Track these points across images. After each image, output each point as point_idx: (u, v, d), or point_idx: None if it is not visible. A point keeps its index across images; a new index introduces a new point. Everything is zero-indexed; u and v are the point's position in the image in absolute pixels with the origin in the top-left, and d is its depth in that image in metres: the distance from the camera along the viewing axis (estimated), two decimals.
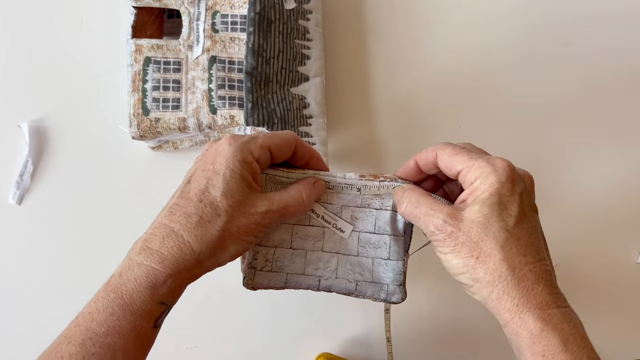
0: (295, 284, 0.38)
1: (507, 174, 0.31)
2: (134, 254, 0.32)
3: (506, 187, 0.31)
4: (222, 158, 0.33)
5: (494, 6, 0.61)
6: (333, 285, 0.38)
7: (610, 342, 0.57)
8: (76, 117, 0.55)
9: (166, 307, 0.32)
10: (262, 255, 0.38)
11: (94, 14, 0.57)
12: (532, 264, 0.30)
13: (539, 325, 0.29)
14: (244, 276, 0.38)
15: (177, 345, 0.54)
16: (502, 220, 0.30)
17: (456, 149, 0.33)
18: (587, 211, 0.59)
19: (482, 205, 0.30)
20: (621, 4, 0.61)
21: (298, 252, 0.38)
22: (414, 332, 0.56)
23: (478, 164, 0.32)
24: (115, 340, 0.29)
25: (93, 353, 0.29)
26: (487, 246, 0.30)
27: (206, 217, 0.32)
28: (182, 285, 0.32)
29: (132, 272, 0.31)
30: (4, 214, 0.54)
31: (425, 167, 0.35)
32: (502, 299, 0.30)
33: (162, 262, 0.31)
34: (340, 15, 0.60)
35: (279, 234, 0.38)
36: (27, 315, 0.53)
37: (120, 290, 0.30)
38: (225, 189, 0.32)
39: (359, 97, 0.59)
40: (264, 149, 0.34)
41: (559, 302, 0.30)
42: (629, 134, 0.60)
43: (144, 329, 0.30)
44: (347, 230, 0.38)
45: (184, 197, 0.33)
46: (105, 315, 0.30)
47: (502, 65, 0.60)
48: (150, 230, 0.33)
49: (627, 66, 0.61)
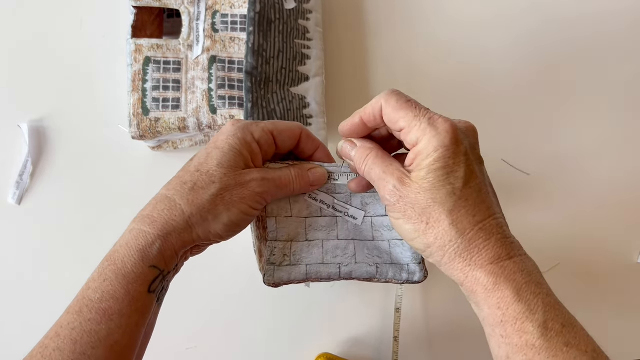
0: (316, 275, 0.38)
1: (450, 136, 0.30)
2: (130, 224, 0.33)
3: (451, 150, 0.30)
4: (223, 136, 0.34)
5: (494, 6, 0.61)
6: (354, 271, 0.38)
7: (611, 342, 0.57)
8: (76, 117, 0.55)
9: (159, 271, 0.32)
10: (280, 250, 0.38)
11: (94, 14, 0.57)
12: (482, 222, 0.30)
13: (491, 279, 0.29)
14: (264, 274, 0.38)
15: (177, 345, 0.54)
16: (449, 184, 0.30)
17: (401, 102, 0.32)
18: (587, 211, 0.59)
19: (428, 172, 0.30)
20: (622, 4, 0.61)
21: (315, 243, 0.38)
22: (420, 332, 0.56)
23: (420, 124, 0.31)
24: (110, 304, 0.30)
25: (89, 319, 0.30)
26: (435, 211, 0.30)
27: (200, 184, 0.33)
28: (172, 249, 0.32)
29: (124, 238, 0.32)
30: (4, 213, 0.54)
31: (373, 121, 0.34)
32: (454, 261, 0.30)
33: (152, 224, 0.32)
34: (340, 15, 0.60)
35: (292, 228, 0.38)
36: (27, 315, 0.53)
37: (113, 257, 0.31)
38: (221, 160, 0.33)
39: (359, 97, 0.59)
40: (265, 132, 0.35)
41: (512, 252, 0.30)
42: (629, 135, 0.60)
43: (138, 293, 0.31)
44: (360, 216, 0.38)
45: (184, 170, 0.34)
46: (99, 282, 0.31)
47: (502, 65, 0.60)
48: (148, 201, 0.34)
49: (628, 69, 0.61)
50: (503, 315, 0.29)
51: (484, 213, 0.30)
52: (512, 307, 0.29)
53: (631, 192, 0.59)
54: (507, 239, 0.31)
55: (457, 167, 0.30)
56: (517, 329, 0.28)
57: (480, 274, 0.30)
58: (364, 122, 0.34)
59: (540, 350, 0.28)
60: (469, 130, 0.33)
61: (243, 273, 0.53)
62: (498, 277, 0.29)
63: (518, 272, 0.29)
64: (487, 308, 0.30)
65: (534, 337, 0.28)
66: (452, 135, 0.30)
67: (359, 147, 0.35)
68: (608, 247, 0.59)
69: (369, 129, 0.35)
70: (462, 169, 0.30)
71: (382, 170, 0.32)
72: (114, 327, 0.30)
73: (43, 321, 0.53)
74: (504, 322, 0.29)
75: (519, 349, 0.28)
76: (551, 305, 0.29)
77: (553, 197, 0.59)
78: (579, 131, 0.60)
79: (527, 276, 0.29)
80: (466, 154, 0.31)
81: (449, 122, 0.31)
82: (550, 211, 0.58)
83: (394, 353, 0.47)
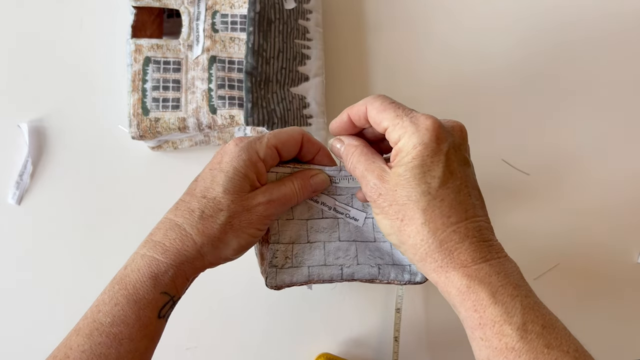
0: (318, 277, 0.38)
1: (431, 133, 0.30)
2: (139, 248, 0.33)
3: (430, 148, 0.30)
4: (227, 157, 0.34)
5: (494, 5, 0.61)
6: (356, 272, 0.38)
7: (611, 342, 0.57)
8: (76, 117, 0.55)
9: (169, 297, 0.32)
10: (282, 252, 0.38)
11: (94, 14, 0.57)
12: (457, 224, 0.30)
13: (464, 282, 0.29)
14: (266, 277, 0.38)
15: (177, 345, 0.54)
16: (424, 183, 0.30)
17: (385, 104, 0.32)
18: (587, 211, 0.59)
19: (405, 169, 0.30)
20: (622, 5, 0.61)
21: (316, 245, 0.38)
22: (420, 332, 0.56)
23: (402, 122, 0.31)
24: (120, 329, 0.30)
25: (100, 342, 0.30)
26: (410, 209, 0.30)
27: (208, 212, 0.33)
28: (184, 276, 0.33)
29: (136, 263, 0.32)
30: (4, 214, 0.54)
31: (358, 122, 0.35)
32: (425, 260, 0.31)
33: (164, 253, 0.32)
34: (340, 15, 0.60)
35: (294, 230, 0.38)
36: (27, 315, 0.53)
37: (125, 281, 0.31)
38: (227, 186, 0.33)
39: (359, 97, 0.58)
40: (270, 147, 0.35)
41: (488, 255, 0.30)
42: (629, 134, 0.60)
43: (149, 319, 0.31)
44: (361, 218, 0.38)
45: (190, 194, 0.34)
46: (110, 306, 0.31)
47: (502, 65, 0.60)
48: (156, 225, 0.34)
49: (628, 67, 0.61)
50: (480, 318, 0.29)
51: (460, 215, 0.30)
52: (488, 309, 0.29)
53: (631, 192, 0.59)
54: (484, 242, 0.30)
55: (435, 165, 0.30)
56: (496, 331, 0.28)
57: (453, 275, 0.30)
58: (352, 121, 0.35)
59: (521, 352, 0.28)
60: (456, 129, 0.32)
61: (243, 273, 0.53)
62: (472, 280, 0.29)
63: (494, 274, 0.29)
64: (463, 310, 0.30)
65: (513, 339, 0.28)
66: (432, 133, 0.30)
67: (345, 144, 0.35)
68: (608, 247, 0.59)
69: (357, 127, 0.35)
70: (440, 168, 0.30)
71: (365, 168, 0.33)
72: (123, 351, 0.30)
73: (43, 321, 0.53)
74: (483, 325, 0.29)
75: (499, 352, 0.28)
76: (530, 307, 0.29)
77: (553, 197, 0.59)
78: (579, 131, 0.60)
79: (504, 278, 0.29)
80: (447, 154, 0.30)
81: (430, 120, 0.30)
82: (550, 211, 0.58)
83: (394, 353, 0.47)
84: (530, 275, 0.56)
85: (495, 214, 0.34)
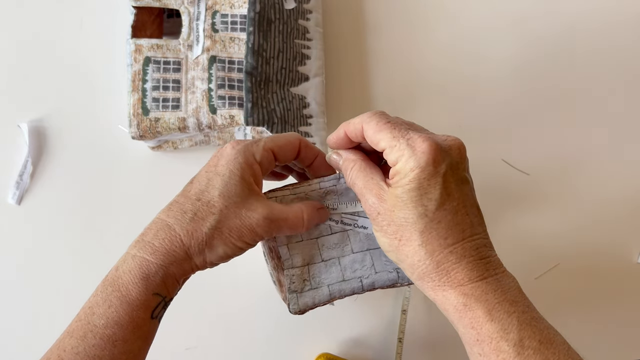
0: (339, 293, 0.38)
1: (427, 157, 0.30)
2: (130, 248, 0.33)
3: (427, 171, 0.30)
4: (224, 160, 0.34)
5: (494, 6, 0.61)
6: (376, 281, 0.38)
7: (611, 342, 0.57)
8: (76, 117, 0.55)
9: (161, 298, 0.32)
10: (298, 277, 0.38)
11: (94, 14, 0.57)
12: (453, 245, 0.30)
13: (461, 300, 0.30)
14: (288, 303, 0.38)
15: (177, 345, 0.54)
16: (421, 205, 0.30)
17: (380, 124, 0.32)
18: (587, 211, 0.59)
19: (403, 191, 0.30)
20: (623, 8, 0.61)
21: (331, 262, 0.38)
22: (424, 334, 0.56)
23: (399, 145, 0.31)
24: (114, 331, 0.30)
25: (94, 344, 0.30)
26: (407, 231, 0.31)
27: (200, 214, 0.33)
28: (173, 277, 0.33)
29: (127, 264, 0.32)
30: (4, 213, 0.54)
31: (355, 138, 0.35)
32: (423, 279, 0.31)
33: (154, 254, 0.32)
34: (340, 15, 0.60)
35: (306, 251, 0.38)
36: (27, 315, 0.53)
37: (117, 283, 0.31)
38: (223, 190, 0.33)
39: (359, 97, 0.59)
40: (266, 150, 0.35)
41: (485, 273, 0.30)
42: (629, 134, 0.60)
43: (142, 320, 0.31)
44: (369, 225, 0.38)
45: (184, 195, 0.34)
46: (104, 308, 0.31)
47: (502, 65, 0.60)
48: (148, 225, 0.34)
49: (628, 68, 0.61)
50: (478, 335, 0.29)
51: (457, 236, 0.31)
52: (485, 326, 0.29)
53: (631, 192, 0.59)
54: (481, 260, 0.31)
55: (432, 188, 0.30)
56: (493, 348, 0.29)
57: (450, 294, 0.30)
58: (348, 137, 0.35)
59: None
60: (453, 148, 0.32)
61: (243, 273, 0.53)
62: (468, 298, 0.30)
63: (490, 292, 0.30)
64: (461, 327, 0.30)
65: (510, 356, 0.28)
66: (428, 156, 0.30)
67: (344, 158, 0.36)
68: (608, 247, 0.59)
69: (354, 142, 0.36)
70: (437, 190, 0.30)
71: (363, 185, 0.33)
72: (117, 353, 0.30)
73: (43, 321, 0.53)
74: (480, 341, 0.29)
75: None
76: (527, 323, 0.29)
77: (553, 197, 0.59)
78: (579, 131, 0.60)
79: (501, 295, 0.30)
80: (444, 175, 0.31)
81: (427, 142, 0.30)
82: (550, 211, 0.58)
83: (398, 354, 0.47)
84: (530, 275, 0.56)
85: (495, 214, 0.34)
